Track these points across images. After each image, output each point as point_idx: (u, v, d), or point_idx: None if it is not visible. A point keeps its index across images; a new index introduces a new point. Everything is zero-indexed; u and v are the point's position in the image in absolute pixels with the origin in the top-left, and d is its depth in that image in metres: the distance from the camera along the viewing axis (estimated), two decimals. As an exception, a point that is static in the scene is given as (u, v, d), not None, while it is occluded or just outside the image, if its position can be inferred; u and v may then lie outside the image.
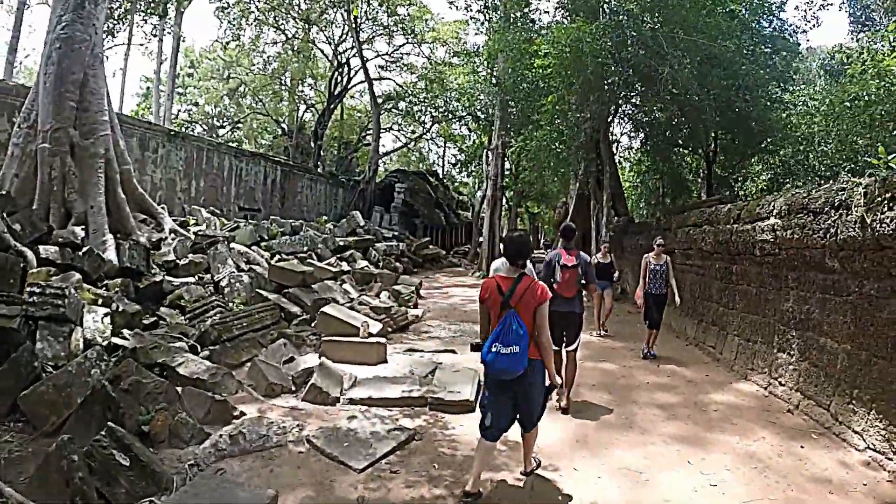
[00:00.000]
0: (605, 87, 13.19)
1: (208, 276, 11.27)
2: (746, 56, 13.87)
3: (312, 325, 8.58)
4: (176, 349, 6.73)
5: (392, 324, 9.56)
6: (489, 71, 20.01)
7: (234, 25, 31.15)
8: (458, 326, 10.40)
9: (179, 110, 42.19)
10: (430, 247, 29.45)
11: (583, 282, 5.80)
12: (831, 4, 20.57)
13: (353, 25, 29.51)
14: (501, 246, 6.14)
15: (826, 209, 5.41)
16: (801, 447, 4.93)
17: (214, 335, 7.59)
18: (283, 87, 36.93)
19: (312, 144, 34.19)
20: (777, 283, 6.70)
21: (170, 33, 32.46)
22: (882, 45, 12.90)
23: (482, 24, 23.94)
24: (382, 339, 7.43)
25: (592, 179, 16.85)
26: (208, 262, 11.56)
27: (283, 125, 38.59)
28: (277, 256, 14.63)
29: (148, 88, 39.97)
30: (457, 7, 24.36)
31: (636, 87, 13.92)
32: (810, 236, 5.64)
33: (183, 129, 29.50)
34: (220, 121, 43.49)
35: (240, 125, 42.88)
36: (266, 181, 22.76)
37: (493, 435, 3.74)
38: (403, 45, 33.22)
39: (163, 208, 15.24)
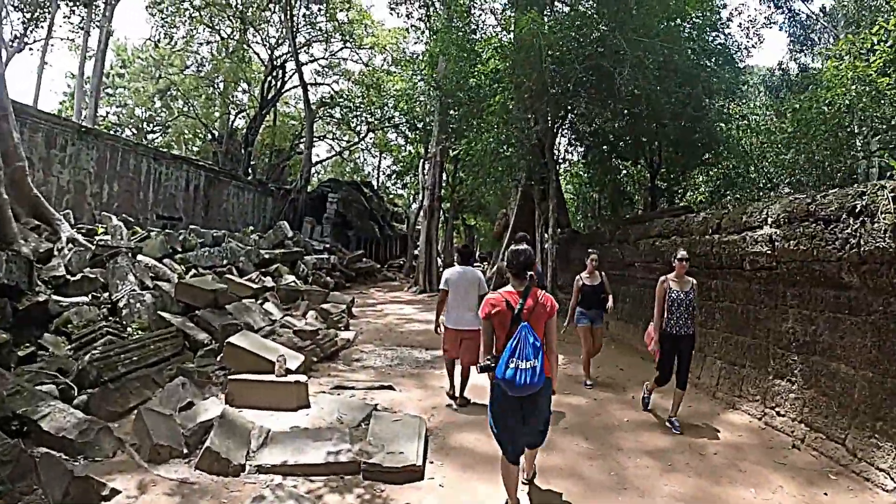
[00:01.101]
0: (558, 87, 12.30)
1: (107, 294, 9.60)
2: (700, 66, 13.52)
3: (220, 357, 7.09)
4: (43, 395, 5.28)
5: (318, 352, 8.17)
6: (430, 73, 18.88)
7: (166, 22, 29.07)
8: (394, 352, 9.03)
9: (108, 112, 39.27)
10: (364, 260, 28.10)
11: None
12: (774, 23, 20.90)
13: (291, 27, 27.93)
14: (457, 255, 6.19)
15: (842, 216, 4.55)
16: (825, 494, 4.13)
17: (94, 374, 6.05)
18: (215, 91, 34.86)
19: (243, 151, 32.26)
20: (772, 300, 5.82)
21: (98, 27, 29.91)
22: (823, 62, 12.77)
23: (423, 32, 23.10)
24: (303, 377, 6.02)
25: (537, 189, 15.99)
26: (107, 277, 9.86)
27: (214, 130, 36.41)
28: (193, 271, 12.97)
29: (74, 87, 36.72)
30: (398, 14, 23.35)
31: (588, 92, 13.12)
32: (822, 248, 4.77)
33: (110, 132, 27.34)
34: (151, 125, 40.67)
35: (169, 129, 40.31)
36: (189, 187, 20.74)
37: (516, 457, 3.61)
38: (341, 49, 31.92)
39: (65, 214, 13.45)
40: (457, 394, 6.17)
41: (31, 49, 26.56)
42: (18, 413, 4.78)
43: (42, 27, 26.36)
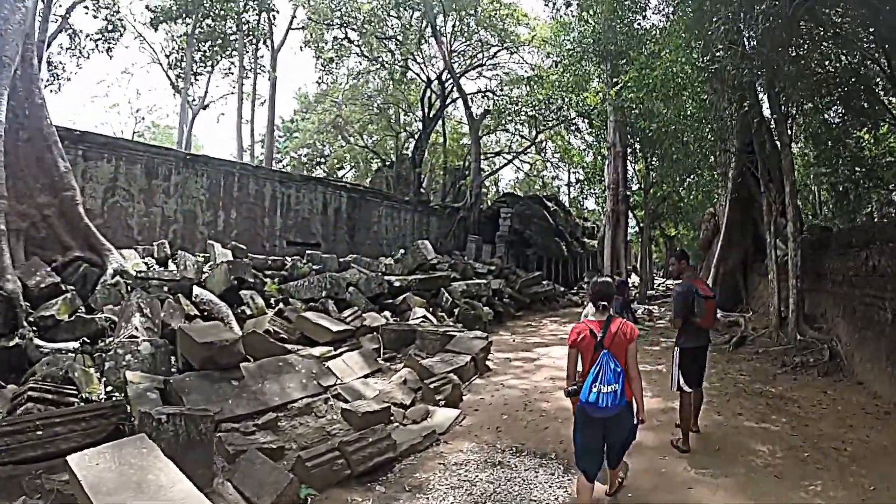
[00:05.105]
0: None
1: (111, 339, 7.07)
2: None
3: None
4: None
5: (343, 466, 4.21)
6: (592, 32, 14.30)
7: (324, 58, 29.60)
8: (500, 473, 4.63)
9: (300, 153, 42.11)
10: (544, 283, 23.72)
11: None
12: None
13: (444, 52, 26.06)
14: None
15: None
16: None
17: None
18: (389, 121, 34.69)
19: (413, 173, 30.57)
20: None
21: (261, 73, 31.27)
22: None
23: (586, 22, 19.09)
24: None
25: (760, 163, 10.58)
26: (118, 318, 7.25)
27: (383, 157, 35.74)
28: (280, 305, 10.08)
29: (261, 134, 39.66)
30: (554, 6, 19.36)
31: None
32: None
33: (303, 173, 28.51)
34: (335, 160, 42.32)
35: (347, 161, 41.85)
36: (327, 210, 18.57)
37: (593, 472, 3.75)
38: (499, 50, 28.91)
39: (160, 244, 12.02)
40: None
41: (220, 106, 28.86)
42: None
43: (198, 79, 28.01)
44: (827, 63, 10.33)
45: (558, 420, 5.87)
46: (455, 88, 27.97)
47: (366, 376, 7.38)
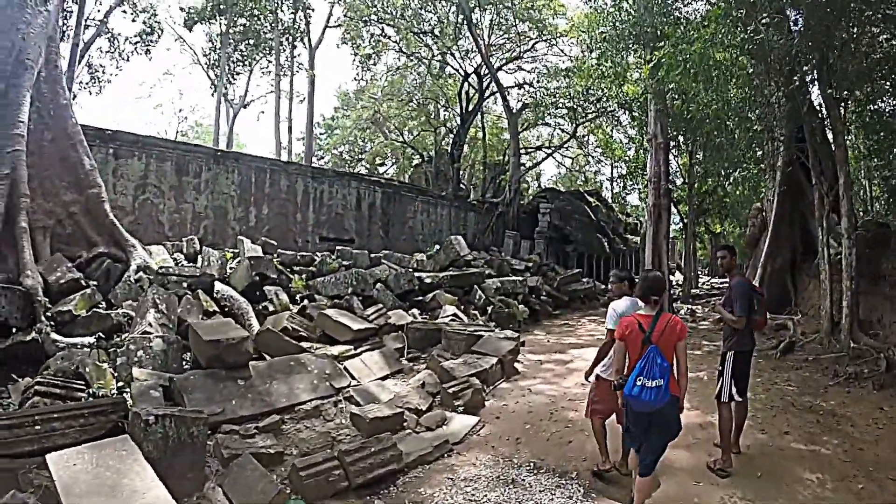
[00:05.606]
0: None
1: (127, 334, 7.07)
2: None
3: None
4: None
5: (340, 476, 3.92)
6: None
7: (360, 54, 29.58)
8: (517, 487, 4.29)
9: (342, 151, 42.17)
10: (584, 280, 23.04)
11: None
12: None
13: (479, 45, 25.66)
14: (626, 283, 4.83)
15: None
16: None
17: None
18: (427, 116, 34.35)
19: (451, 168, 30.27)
20: None
21: (299, 72, 31.62)
22: None
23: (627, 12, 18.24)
24: None
25: (810, 151, 9.84)
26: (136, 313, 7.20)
27: (422, 152, 35.57)
28: (305, 302, 9.88)
29: (301, 132, 39.93)
30: None
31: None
32: None
33: (346, 169, 28.77)
34: (381, 158, 42.43)
35: (388, 157, 41.75)
36: (360, 205, 18.42)
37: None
38: (536, 42, 28.30)
39: (189, 239, 12.16)
40: (618, 465, 4.58)
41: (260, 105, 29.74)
42: None
43: (236, 80, 28.67)
44: (878, 47, 9.53)
45: (584, 433, 5.40)
46: (493, 82, 27.45)
47: (385, 377, 7.10)
